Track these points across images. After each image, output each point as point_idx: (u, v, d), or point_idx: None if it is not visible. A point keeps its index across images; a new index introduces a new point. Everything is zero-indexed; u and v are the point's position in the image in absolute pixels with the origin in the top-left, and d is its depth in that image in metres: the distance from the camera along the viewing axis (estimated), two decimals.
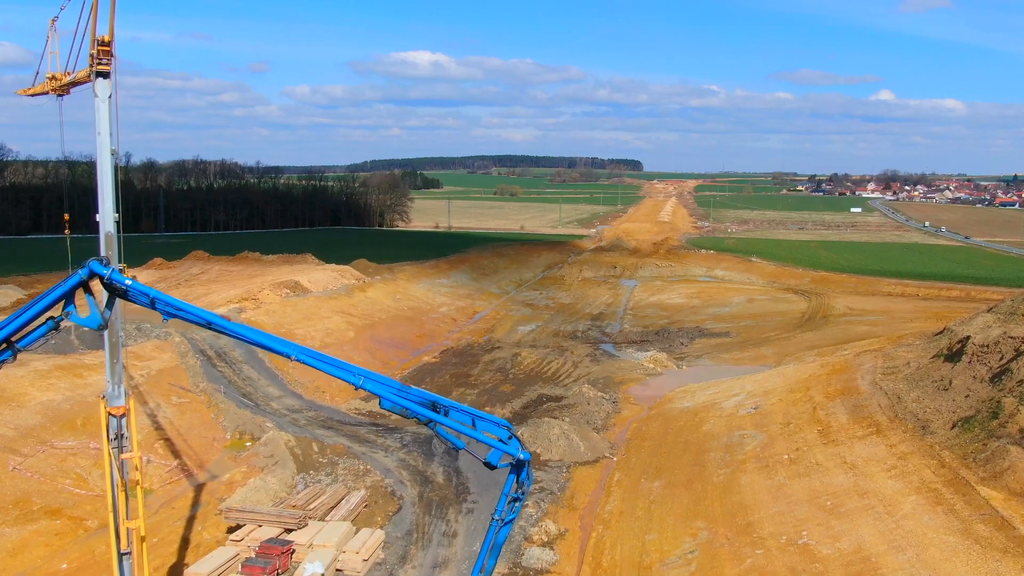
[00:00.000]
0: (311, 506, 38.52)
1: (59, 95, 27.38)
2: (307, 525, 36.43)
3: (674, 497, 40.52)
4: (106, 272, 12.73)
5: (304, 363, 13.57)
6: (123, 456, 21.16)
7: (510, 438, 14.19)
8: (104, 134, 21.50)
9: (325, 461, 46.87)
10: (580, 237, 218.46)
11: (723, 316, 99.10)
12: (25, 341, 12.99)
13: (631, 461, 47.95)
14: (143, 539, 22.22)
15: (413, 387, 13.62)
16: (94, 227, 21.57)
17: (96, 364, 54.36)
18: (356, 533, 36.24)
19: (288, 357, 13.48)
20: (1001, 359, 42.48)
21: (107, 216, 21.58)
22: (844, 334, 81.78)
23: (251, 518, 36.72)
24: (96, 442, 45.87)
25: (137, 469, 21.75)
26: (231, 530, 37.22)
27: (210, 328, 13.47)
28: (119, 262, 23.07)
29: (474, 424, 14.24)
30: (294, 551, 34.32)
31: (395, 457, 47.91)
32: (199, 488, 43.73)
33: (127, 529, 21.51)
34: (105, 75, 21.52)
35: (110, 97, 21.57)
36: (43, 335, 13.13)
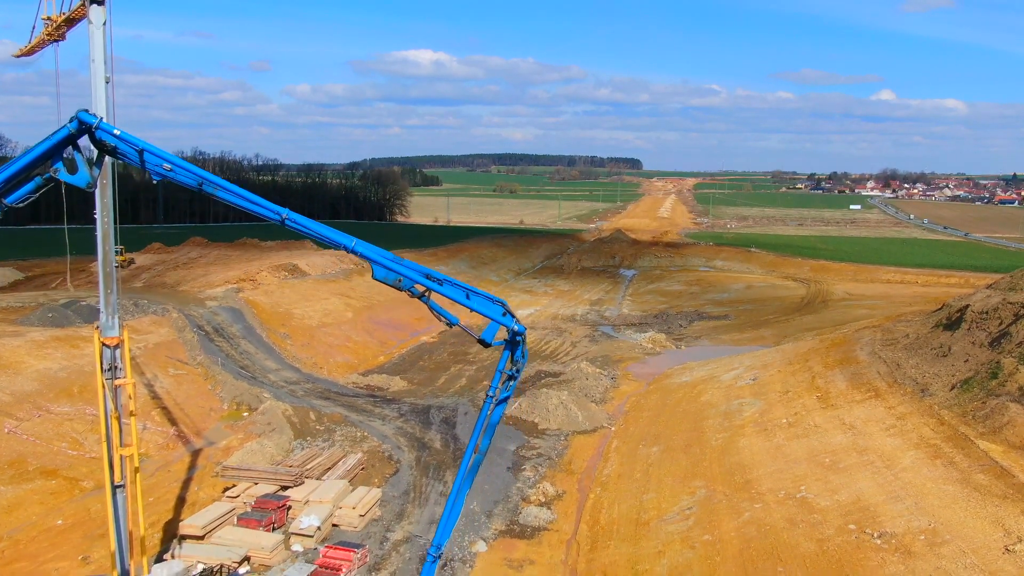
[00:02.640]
0: (308, 467, 38.36)
1: (56, 41, 27.29)
2: (303, 483, 36.29)
3: (672, 460, 40.40)
4: (95, 120, 12.55)
5: (294, 225, 13.38)
6: (117, 382, 21.00)
7: (505, 314, 14.10)
8: (98, 62, 21.33)
9: (322, 428, 46.72)
10: (579, 231, 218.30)
11: (722, 301, 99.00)
12: (12, 197, 12.82)
13: (629, 430, 47.84)
14: (137, 470, 22.06)
15: (407, 259, 13.51)
16: (92, 220, 21.65)
17: (92, 336, 54.27)
18: (353, 491, 36.10)
19: (277, 218, 13.26)
20: (1000, 324, 42.36)
21: None
22: (843, 317, 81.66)
23: (247, 476, 36.61)
24: (93, 408, 45.78)
25: (131, 398, 21.59)
26: (227, 490, 37.09)
27: (201, 190, 13.28)
28: (116, 244, 23.11)
29: (468, 297, 14.16)
30: (290, 507, 34.16)
31: (393, 425, 47.75)
32: (196, 453, 43.59)
33: (120, 458, 21.34)
34: (100, 1, 21.35)
35: (105, 24, 21.39)
36: (30, 191, 12.96)
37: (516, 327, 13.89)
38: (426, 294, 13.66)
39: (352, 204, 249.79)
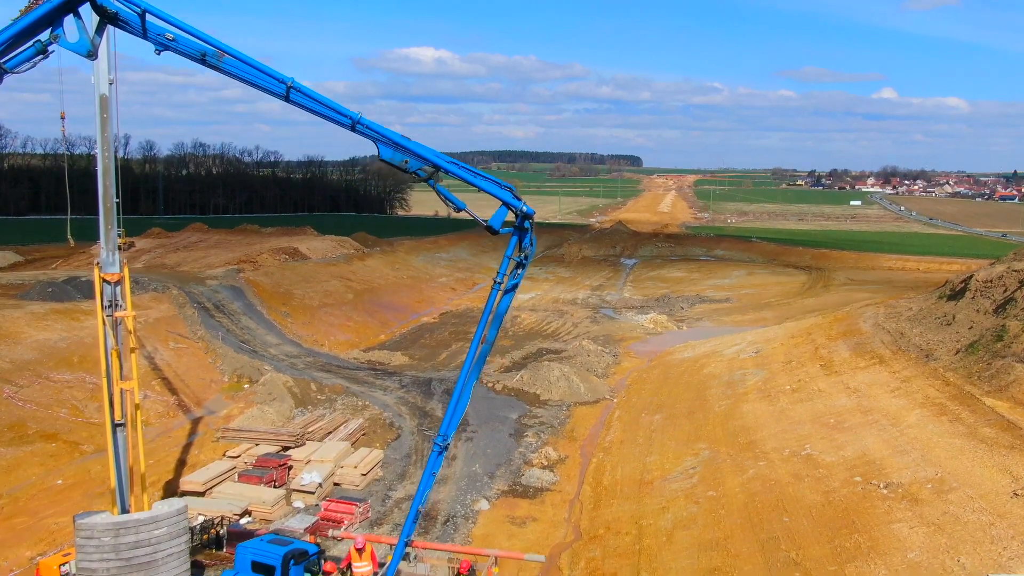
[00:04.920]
0: (309, 430, 38.16)
1: None
2: (304, 444, 36.08)
3: (675, 426, 40.19)
4: None
5: (299, 97, 13.02)
6: (118, 314, 20.77)
7: (514, 198, 13.84)
8: None
9: (323, 398, 46.53)
10: (580, 225, 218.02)
11: (723, 286, 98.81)
12: (12, 62, 12.52)
13: (631, 401, 47.64)
14: (138, 406, 21.83)
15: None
16: (92, 208, 21.52)
17: (92, 310, 53.79)
18: (355, 452, 35.90)
19: (282, 88, 12.87)
20: (1005, 291, 42.13)
21: (101, 77, 21.18)
22: (845, 300, 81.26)
23: (248, 437, 36.43)
24: (93, 377, 45.56)
25: (131, 332, 21.37)
26: (227, 452, 36.84)
27: (204, 62, 12.94)
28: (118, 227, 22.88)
29: (476, 185, 13.89)
30: (291, 467, 33.95)
31: (394, 396, 47.55)
32: (196, 421, 43.39)
33: (121, 393, 21.10)
34: None
35: None
36: (29, 58, 12.64)
37: (525, 208, 13.65)
38: (433, 176, 13.38)
39: (352, 197, 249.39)
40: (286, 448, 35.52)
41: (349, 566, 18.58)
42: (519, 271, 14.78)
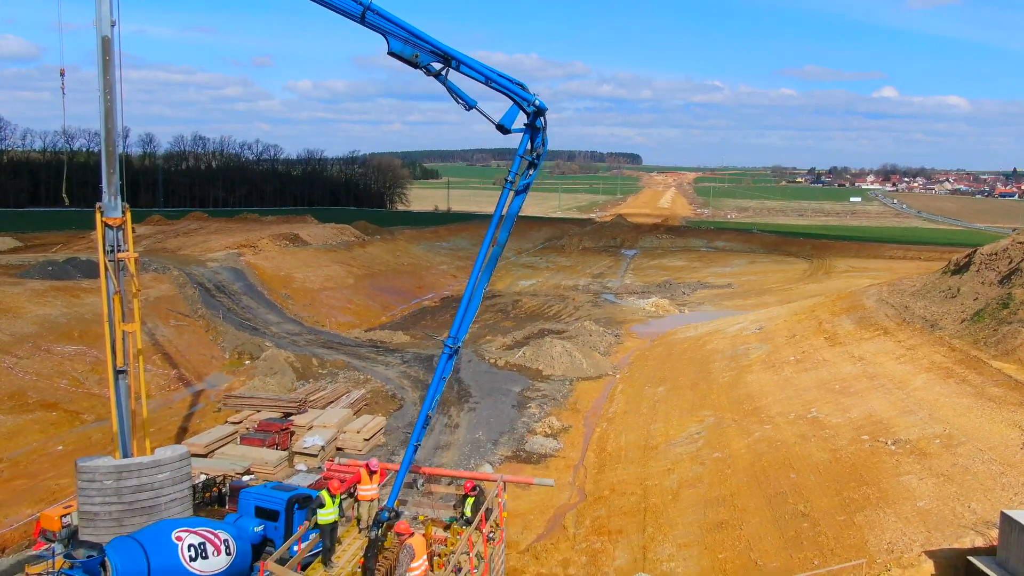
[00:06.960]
0: (311, 399, 37.93)
1: None
2: (306, 411, 35.86)
3: (679, 396, 40.00)
4: None
5: None
6: (119, 256, 20.52)
7: (525, 92, 13.57)
8: None
9: (325, 372, 46.35)
10: (581, 220, 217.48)
11: (724, 274, 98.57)
12: None
13: (634, 375, 47.44)
14: (140, 352, 21.61)
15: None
16: (91, 202, 21.38)
17: (93, 288, 53.54)
18: (357, 418, 35.69)
19: None
20: (1010, 263, 41.92)
21: (104, 20, 20.95)
22: (846, 285, 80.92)
23: (250, 403, 36.20)
24: (94, 351, 45.31)
25: (134, 276, 21.12)
26: (229, 419, 36.62)
27: None
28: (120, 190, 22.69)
29: (487, 81, 13.62)
30: (293, 432, 33.73)
31: (396, 370, 47.35)
32: (197, 394, 43.21)
33: (123, 335, 20.85)
34: None
35: None
36: None
37: (538, 102, 13.39)
38: (443, 72, 13.12)
39: (352, 192, 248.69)
40: (288, 415, 35.29)
41: (354, 487, 18.34)
42: (531, 171, 14.56)
